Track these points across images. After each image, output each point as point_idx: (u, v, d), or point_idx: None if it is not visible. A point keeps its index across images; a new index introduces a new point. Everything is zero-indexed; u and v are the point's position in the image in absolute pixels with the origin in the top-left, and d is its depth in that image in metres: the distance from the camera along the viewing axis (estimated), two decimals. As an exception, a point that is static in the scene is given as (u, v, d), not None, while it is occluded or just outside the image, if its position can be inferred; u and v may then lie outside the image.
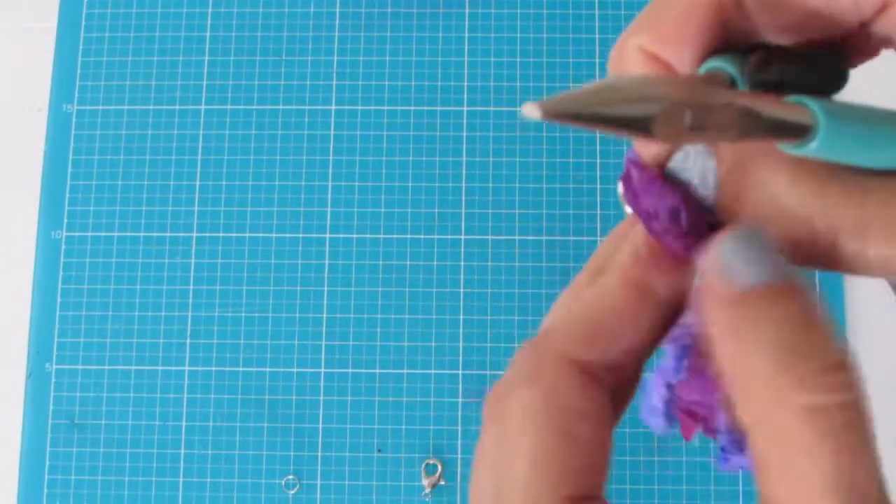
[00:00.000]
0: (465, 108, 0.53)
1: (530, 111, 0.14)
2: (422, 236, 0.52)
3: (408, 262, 0.51)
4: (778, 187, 0.16)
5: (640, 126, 0.14)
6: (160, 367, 0.51)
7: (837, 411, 0.14)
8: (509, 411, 0.16)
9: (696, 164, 0.18)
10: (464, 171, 0.52)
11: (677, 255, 0.18)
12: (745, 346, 0.15)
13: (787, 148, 0.16)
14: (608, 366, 0.17)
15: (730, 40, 0.18)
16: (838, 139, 0.16)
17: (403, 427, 0.50)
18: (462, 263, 0.51)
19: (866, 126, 0.16)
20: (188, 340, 0.51)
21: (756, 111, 0.15)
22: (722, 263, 0.16)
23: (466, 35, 0.54)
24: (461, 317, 0.51)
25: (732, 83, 0.17)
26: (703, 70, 0.18)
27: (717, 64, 0.18)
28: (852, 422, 0.15)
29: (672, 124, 0.15)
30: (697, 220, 0.18)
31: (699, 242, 0.17)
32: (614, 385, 0.17)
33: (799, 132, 0.16)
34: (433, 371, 0.50)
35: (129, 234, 0.52)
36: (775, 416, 0.15)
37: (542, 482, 0.16)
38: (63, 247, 0.52)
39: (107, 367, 0.51)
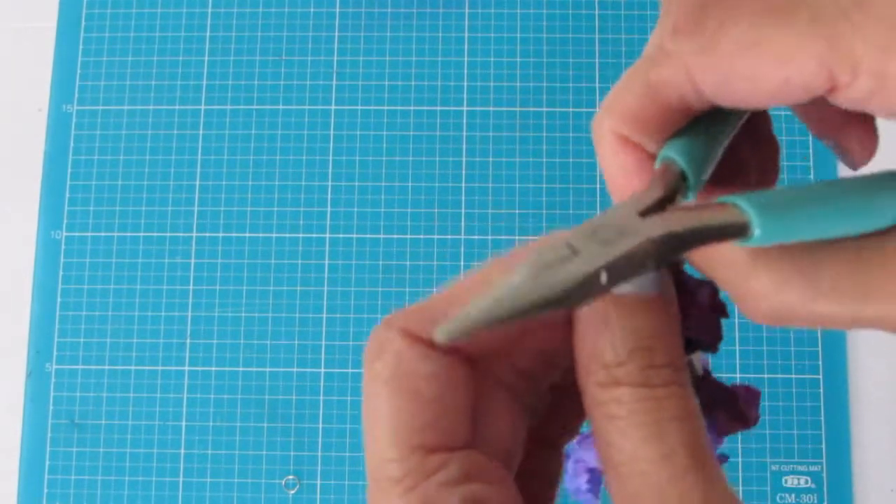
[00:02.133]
0: (464, 108, 0.53)
1: (439, 337, 0.15)
2: (422, 236, 0.52)
3: (408, 263, 0.51)
4: (741, 263, 0.18)
5: (559, 304, 0.16)
6: (160, 367, 0.51)
7: (667, 389, 0.18)
8: (367, 382, 0.19)
9: None
10: (464, 171, 0.52)
11: None
12: (597, 337, 0.18)
13: (735, 243, 0.17)
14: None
15: (697, 111, 0.19)
16: (776, 229, 0.17)
17: (403, 427, 0.50)
18: (462, 263, 0.51)
19: (801, 209, 0.17)
20: (188, 340, 0.51)
21: (675, 233, 0.17)
22: None
23: (466, 35, 0.54)
24: (461, 317, 0.51)
25: (683, 176, 0.19)
26: (661, 157, 0.19)
27: (669, 155, 0.19)
28: (679, 395, 0.18)
29: (590, 290, 0.16)
30: None
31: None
32: (474, 352, 0.19)
33: (738, 230, 0.17)
34: (433, 371, 0.50)
35: (129, 234, 0.52)
36: (607, 390, 0.18)
37: (394, 436, 0.18)
38: (63, 247, 0.52)
39: (107, 367, 0.51)
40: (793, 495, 0.49)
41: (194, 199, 0.53)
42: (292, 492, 0.50)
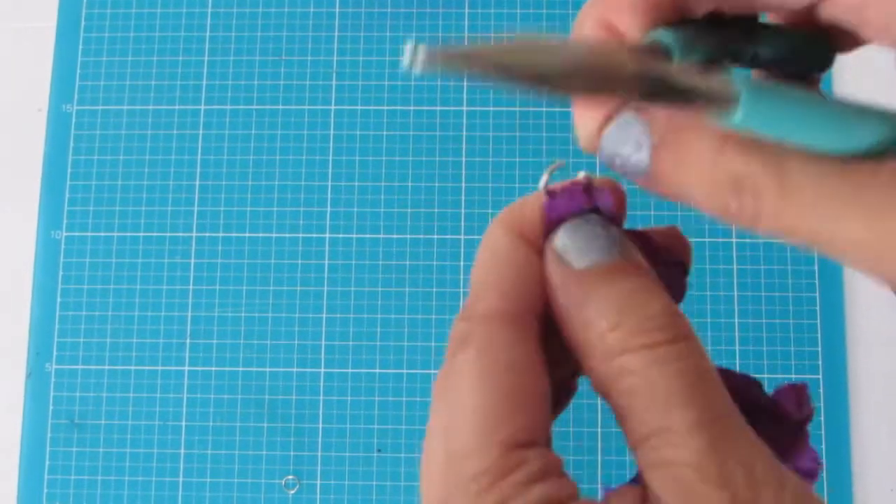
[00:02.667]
0: (464, 108, 0.53)
1: (415, 58, 0.15)
2: (422, 236, 0.52)
3: (407, 262, 0.51)
4: (705, 154, 0.17)
5: (537, 76, 0.15)
6: (160, 367, 0.51)
7: (676, 345, 0.17)
8: (451, 377, 0.18)
9: (630, 132, 0.19)
10: (464, 171, 0.52)
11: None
12: (583, 314, 0.18)
13: (712, 117, 0.17)
14: (528, 310, 0.19)
15: (692, 12, 0.19)
16: (760, 113, 0.16)
17: (403, 427, 0.50)
18: (462, 263, 0.51)
19: (790, 104, 0.17)
20: (188, 340, 0.51)
21: (667, 76, 0.16)
22: (558, 250, 0.19)
23: (466, 35, 0.54)
24: (461, 317, 0.51)
25: (668, 56, 0.18)
26: (645, 41, 0.19)
27: (657, 36, 0.19)
28: (690, 351, 0.17)
29: (569, 79, 0.16)
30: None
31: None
32: (539, 331, 0.19)
33: (722, 103, 0.16)
34: (433, 371, 0.50)
35: (129, 234, 0.52)
36: (614, 362, 0.17)
37: (478, 431, 0.17)
38: (63, 247, 0.52)
39: (107, 367, 0.51)
40: (793, 495, 0.49)
41: (194, 199, 0.53)
42: (292, 492, 0.50)
